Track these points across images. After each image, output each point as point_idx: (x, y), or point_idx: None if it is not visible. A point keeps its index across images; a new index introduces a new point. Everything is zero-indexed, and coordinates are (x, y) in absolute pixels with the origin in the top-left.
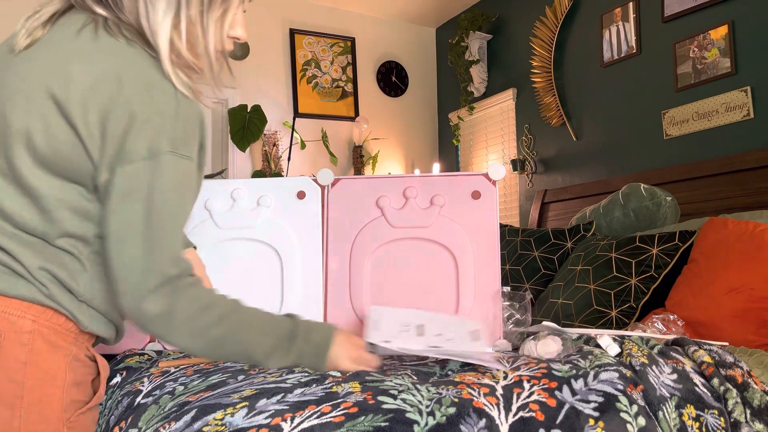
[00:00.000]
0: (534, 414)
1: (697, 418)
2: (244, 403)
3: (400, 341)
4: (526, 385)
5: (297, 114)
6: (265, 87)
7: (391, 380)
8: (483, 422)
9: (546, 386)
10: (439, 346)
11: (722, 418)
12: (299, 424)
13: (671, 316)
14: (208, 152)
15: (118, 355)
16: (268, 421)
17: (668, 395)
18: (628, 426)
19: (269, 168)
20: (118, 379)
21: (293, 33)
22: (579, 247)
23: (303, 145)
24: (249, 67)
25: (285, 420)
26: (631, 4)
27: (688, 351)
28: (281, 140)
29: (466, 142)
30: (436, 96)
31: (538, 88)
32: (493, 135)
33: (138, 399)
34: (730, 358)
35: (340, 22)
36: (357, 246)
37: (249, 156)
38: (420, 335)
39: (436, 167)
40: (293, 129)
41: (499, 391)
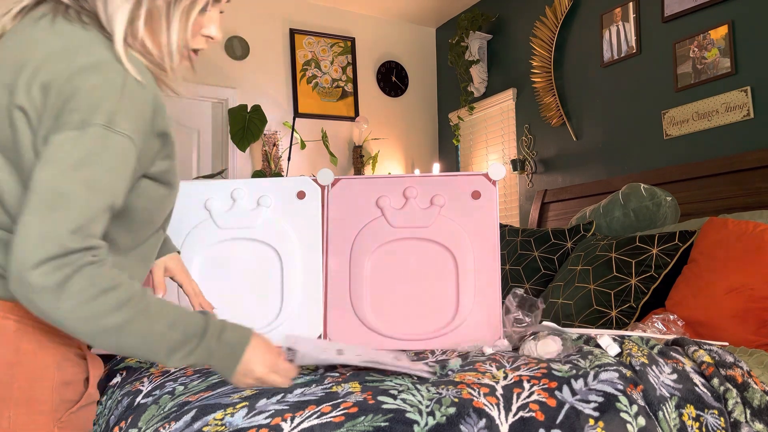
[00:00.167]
0: (534, 414)
1: (697, 418)
2: (244, 403)
3: (321, 356)
4: (526, 385)
5: (297, 114)
6: (265, 87)
7: (391, 380)
8: (483, 422)
9: (546, 386)
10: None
11: (722, 418)
12: (299, 424)
13: (671, 316)
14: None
15: (117, 355)
16: (268, 421)
17: (668, 395)
18: (628, 426)
19: (269, 168)
20: (118, 379)
21: (293, 33)
22: (579, 247)
23: (303, 145)
24: (249, 67)
25: (285, 420)
26: (631, 4)
27: (688, 351)
28: (281, 140)
29: (466, 142)
30: (436, 96)
31: (538, 88)
32: (493, 135)
33: (138, 399)
34: (730, 358)
35: (340, 22)
36: (357, 246)
37: (249, 156)
38: (340, 355)
39: (436, 167)
40: (293, 129)
41: (499, 391)
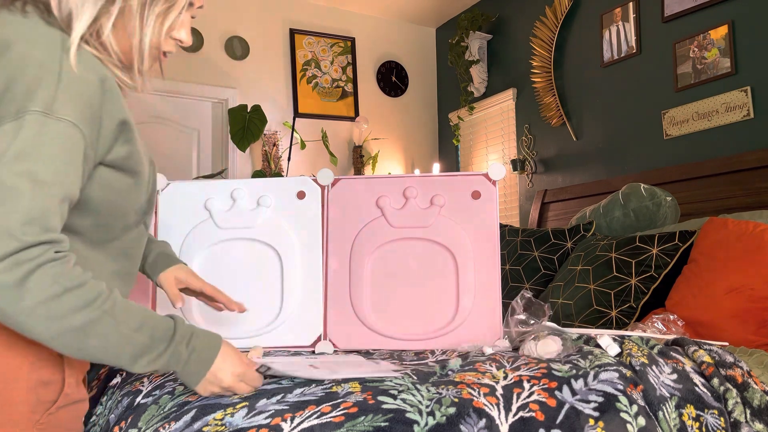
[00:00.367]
0: (534, 414)
1: (697, 418)
2: (244, 403)
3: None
4: (526, 385)
5: (297, 114)
6: (265, 87)
7: (391, 380)
8: (483, 422)
9: (546, 386)
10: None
11: (722, 418)
12: (299, 424)
13: (671, 316)
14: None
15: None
16: (268, 421)
17: (668, 395)
18: (628, 426)
19: (269, 168)
20: (118, 379)
21: (293, 33)
22: (579, 247)
23: (303, 145)
24: (249, 67)
25: (285, 420)
26: (631, 4)
27: (688, 351)
28: (281, 140)
29: (466, 142)
30: (436, 96)
31: (538, 88)
32: (493, 135)
33: (138, 399)
34: (730, 358)
35: (340, 22)
36: (357, 246)
37: (249, 156)
38: (314, 369)
39: (436, 167)
40: (293, 129)
41: (499, 391)
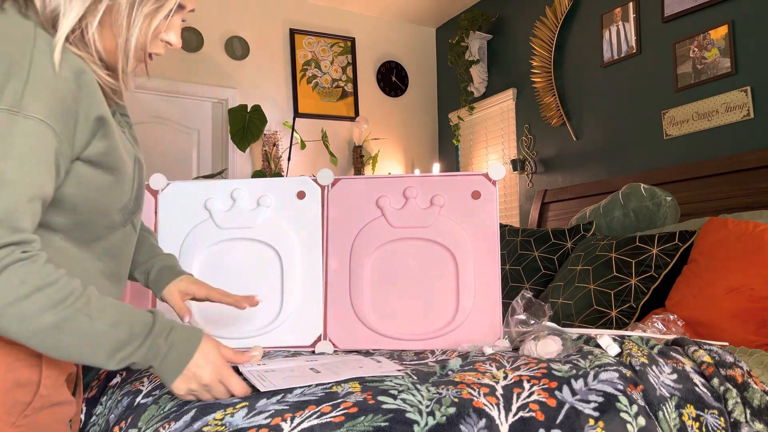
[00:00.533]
0: (534, 414)
1: (697, 418)
2: (243, 403)
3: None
4: (526, 385)
5: (297, 114)
6: (265, 87)
7: (391, 380)
8: (483, 422)
9: (546, 386)
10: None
11: (722, 418)
12: (299, 424)
13: (671, 316)
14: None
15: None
16: (268, 421)
17: (668, 395)
18: (628, 426)
19: (269, 168)
20: (117, 379)
21: (293, 33)
22: (579, 247)
23: (303, 145)
24: (249, 67)
25: (285, 420)
26: (631, 4)
27: (688, 351)
28: (281, 140)
29: (466, 142)
30: (436, 96)
31: (538, 88)
32: (493, 135)
33: (138, 399)
34: (730, 358)
35: (340, 22)
36: (357, 246)
37: (249, 156)
38: (315, 371)
39: (436, 167)
40: (293, 129)
41: (499, 391)
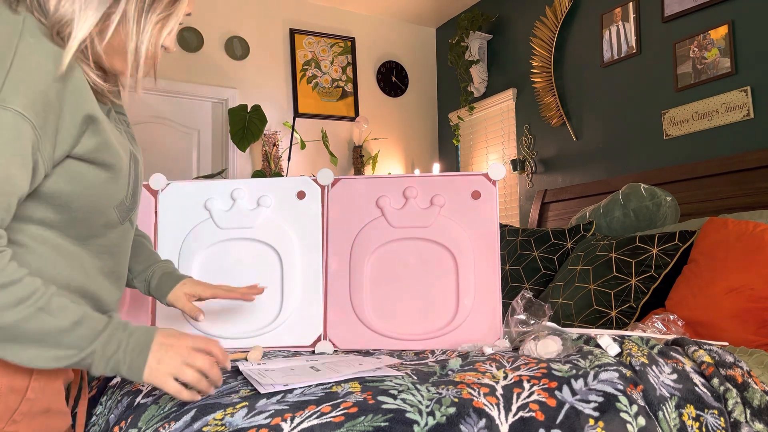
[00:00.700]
0: (534, 414)
1: (697, 418)
2: (243, 403)
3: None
4: (526, 385)
5: (297, 114)
6: (265, 87)
7: (391, 380)
8: (483, 422)
9: (546, 386)
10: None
11: (722, 418)
12: (299, 424)
13: (671, 316)
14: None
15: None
16: (268, 421)
17: (668, 395)
18: (628, 426)
19: (269, 168)
20: (118, 379)
21: (293, 33)
22: (579, 247)
23: (303, 145)
24: (249, 67)
25: (285, 420)
26: (631, 4)
27: (688, 351)
28: (281, 140)
29: (466, 142)
30: (436, 96)
31: (538, 88)
32: (493, 135)
33: (138, 399)
34: (730, 358)
35: (340, 22)
36: (357, 246)
37: (249, 156)
38: (316, 371)
39: (436, 167)
40: (293, 129)
41: (499, 391)
